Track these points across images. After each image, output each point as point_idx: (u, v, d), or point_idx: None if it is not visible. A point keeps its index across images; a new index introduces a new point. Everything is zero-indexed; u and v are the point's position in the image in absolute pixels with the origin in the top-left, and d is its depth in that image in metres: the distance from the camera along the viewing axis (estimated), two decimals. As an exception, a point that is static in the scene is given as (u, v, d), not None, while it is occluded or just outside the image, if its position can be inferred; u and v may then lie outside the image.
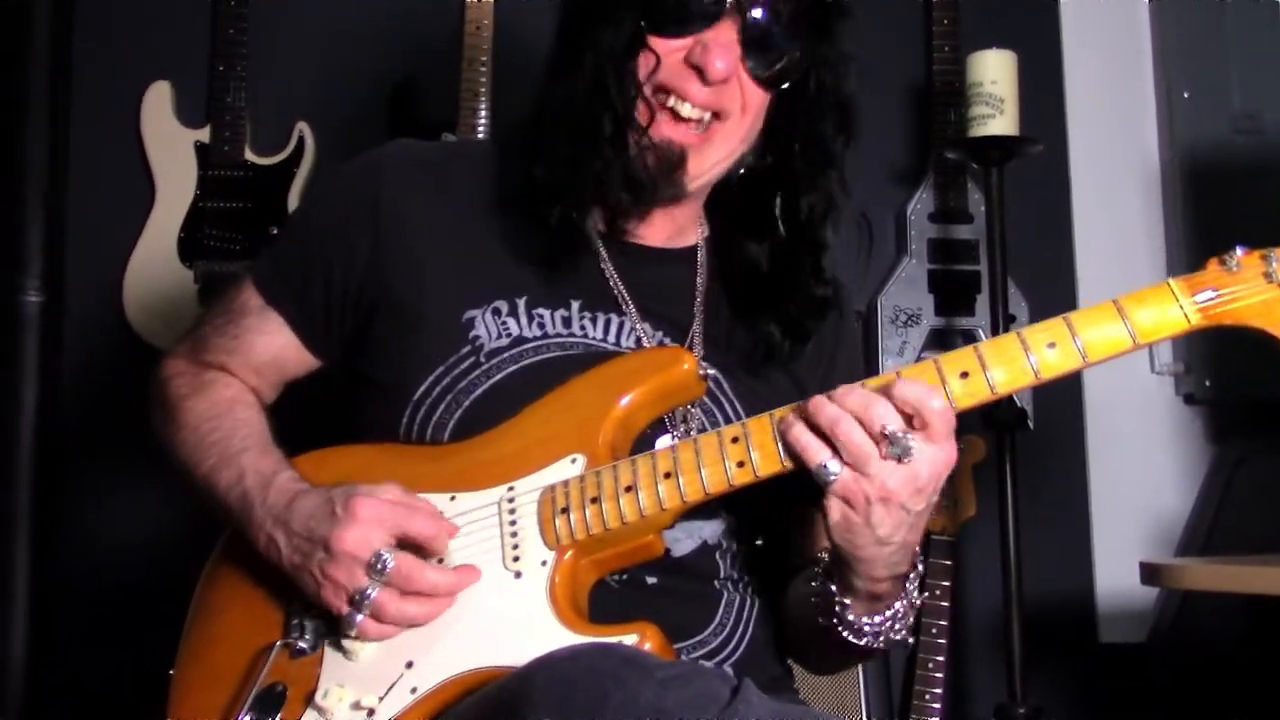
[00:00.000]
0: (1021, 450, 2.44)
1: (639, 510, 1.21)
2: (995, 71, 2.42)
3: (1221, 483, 2.73)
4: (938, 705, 2.55)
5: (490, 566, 1.23)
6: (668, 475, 1.21)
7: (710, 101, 1.31)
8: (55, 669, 2.46)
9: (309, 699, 1.22)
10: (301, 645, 1.26)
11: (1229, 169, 2.85)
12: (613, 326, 1.39)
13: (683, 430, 1.35)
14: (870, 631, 1.26)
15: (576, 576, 1.23)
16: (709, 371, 1.34)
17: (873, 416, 1.12)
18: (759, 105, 1.35)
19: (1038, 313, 2.77)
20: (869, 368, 2.71)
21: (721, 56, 1.28)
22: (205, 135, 2.71)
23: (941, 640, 2.59)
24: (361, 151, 1.47)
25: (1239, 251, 1.17)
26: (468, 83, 2.73)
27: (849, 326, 1.58)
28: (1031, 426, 2.72)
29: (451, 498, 1.28)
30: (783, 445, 1.17)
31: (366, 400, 1.41)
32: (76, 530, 2.58)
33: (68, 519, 2.53)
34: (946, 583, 2.63)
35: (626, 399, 1.29)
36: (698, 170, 1.35)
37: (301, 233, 1.49)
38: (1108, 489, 2.87)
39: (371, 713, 1.20)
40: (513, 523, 1.25)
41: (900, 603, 1.25)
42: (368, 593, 1.18)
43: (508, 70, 2.65)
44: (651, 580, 1.33)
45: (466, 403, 1.33)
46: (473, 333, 1.35)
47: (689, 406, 1.36)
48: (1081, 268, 2.92)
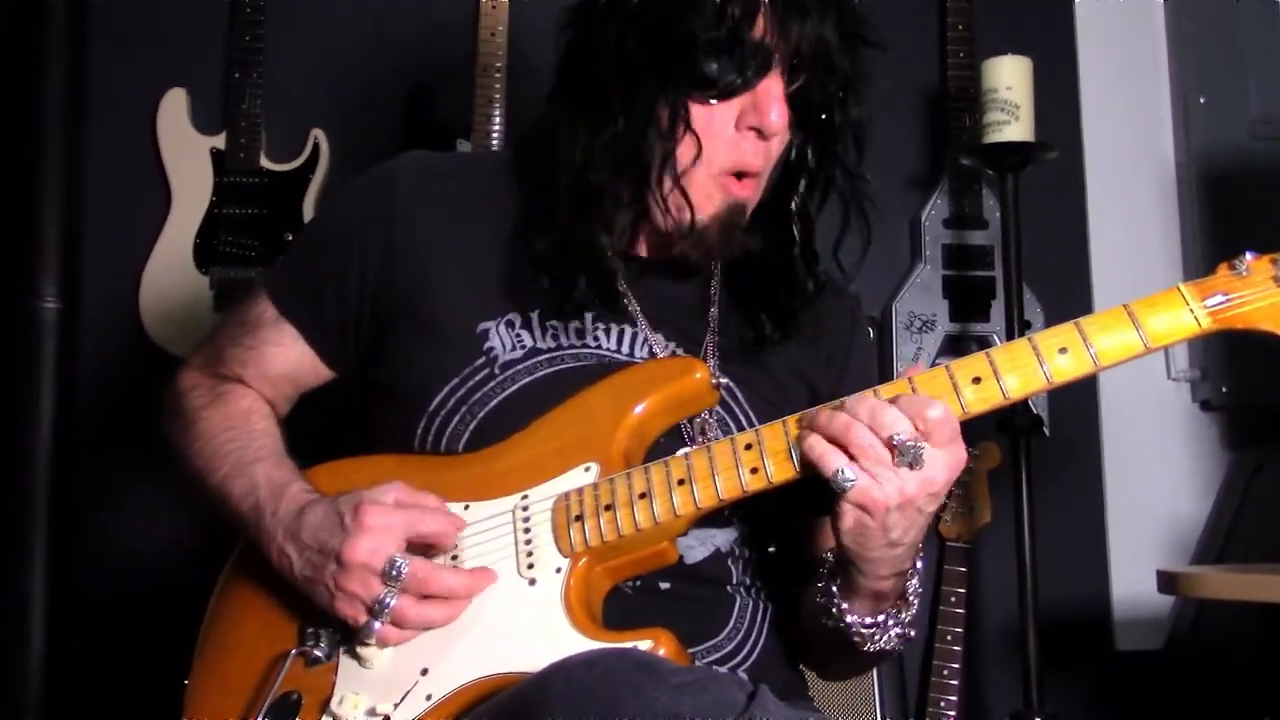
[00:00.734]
0: (1037, 457, 2.43)
1: (653, 517, 1.21)
2: (1011, 77, 2.41)
3: (1238, 489, 2.72)
4: (953, 713, 2.55)
5: (505, 574, 1.24)
6: (681, 482, 1.21)
7: (770, 155, 1.32)
8: (72, 676, 2.46)
9: (324, 707, 1.22)
10: (316, 654, 1.26)
11: (1246, 175, 2.84)
12: (626, 338, 1.40)
13: (701, 442, 1.35)
14: (872, 631, 1.26)
15: (591, 583, 1.23)
16: (721, 381, 1.35)
17: (882, 424, 1.12)
18: (780, 149, 1.35)
19: (1053, 319, 2.74)
20: (883, 374, 2.71)
21: (777, 110, 1.26)
22: (221, 142, 2.72)
23: (957, 647, 2.58)
24: (376, 159, 1.48)
25: (1249, 256, 1.18)
26: (482, 90, 2.73)
27: (861, 332, 1.58)
28: (1047, 433, 2.72)
29: (466, 506, 1.28)
30: (798, 455, 1.17)
31: (381, 410, 1.41)
32: (93, 536, 2.59)
33: (84, 525, 2.54)
34: (962, 590, 2.62)
35: (640, 407, 1.29)
36: (751, 206, 1.36)
37: (316, 245, 1.49)
38: (1124, 496, 2.86)
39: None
40: (527, 530, 1.25)
41: (901, 599, 1.26)
42: (386, 601, 1.18)
43: (522, 77, 2.65)
44: (665, 586, 1.33)
45: (481, 414, 1.33)
46: (487, 344, 1.36)
47: (705, 416, 1.36)
48: (1097, 274, 2.91)
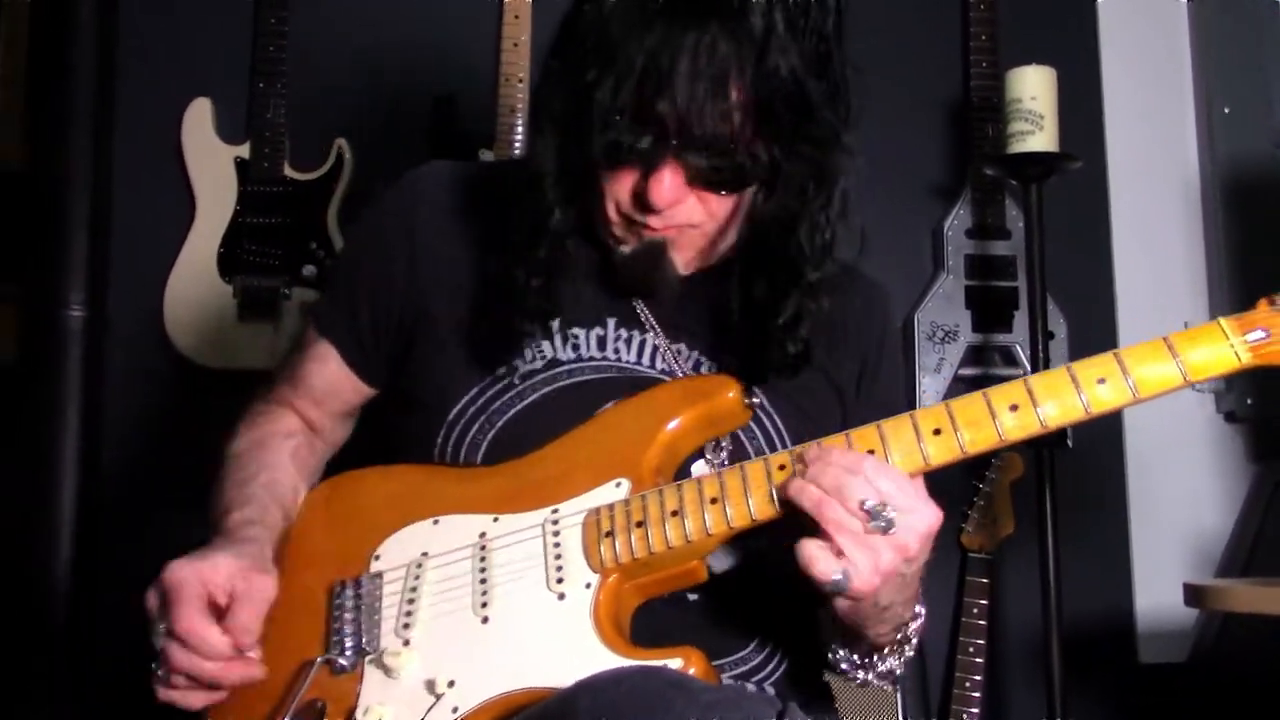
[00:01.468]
0: (1060, 468, 2.42)
1: (684, 535, 1.21)
2: (1035, 87, 2.41)
3: (1263, 502, 2.71)
4: (975, 725, 2.54)
5: (534, 588, 1.24)
6: (714, 501, 1.21)
7: (672, 222, 1.27)
8: (96, 680, 2.47)
9: (349, 716, 1.22)
10: (342, 662, 1.26)
11: (1270, 184, 2.82)
12: (646, 349, 1.40)
13: (715, 449, 1.35)
14: (861, 673, 1.30)
15: (620, 600, 1.23)
16: (755, 399, 1.34)
17: (847, 495, 1.12)
18: (728, 207, 1.28)
19: (1076, 330, 2.76)
20: (905, 385, 2.71)
21: (660, 193, 1.22)
22: (245, 151, 2.74)
23: (979, 659, 2.57)
24: (399, 168, 1.49)
25: None
26: (504, 99, 2.75)
27: (891, 336, 1.56)
28: (1070, 444, 2.70)
29: (495, 519, 1.29)
30: (799, 556, 1.15)
31: (403, 418, 1.42)
32: (117, 542, 2.60)
33: (108, 531, 2.55)
34: (984, 601, 2.62)
35: (673, 424, 1.29)
36: (686, 261, 1.33)
37: (346, 263, 1.53)
38: (1147, 507, 2.85)
39: (412, 731, 1.20)
40: (557, 544, 1.25)
41: (899, 644, 1.28)
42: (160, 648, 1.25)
43: (544, 87, 2.65)
44: (693, 598, 1.33)
45: (500, 424, 1.34)
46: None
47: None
48: (1121, 284, 2.90)
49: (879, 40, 2.81)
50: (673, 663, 1.15)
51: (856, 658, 1.29)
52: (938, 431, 1.18)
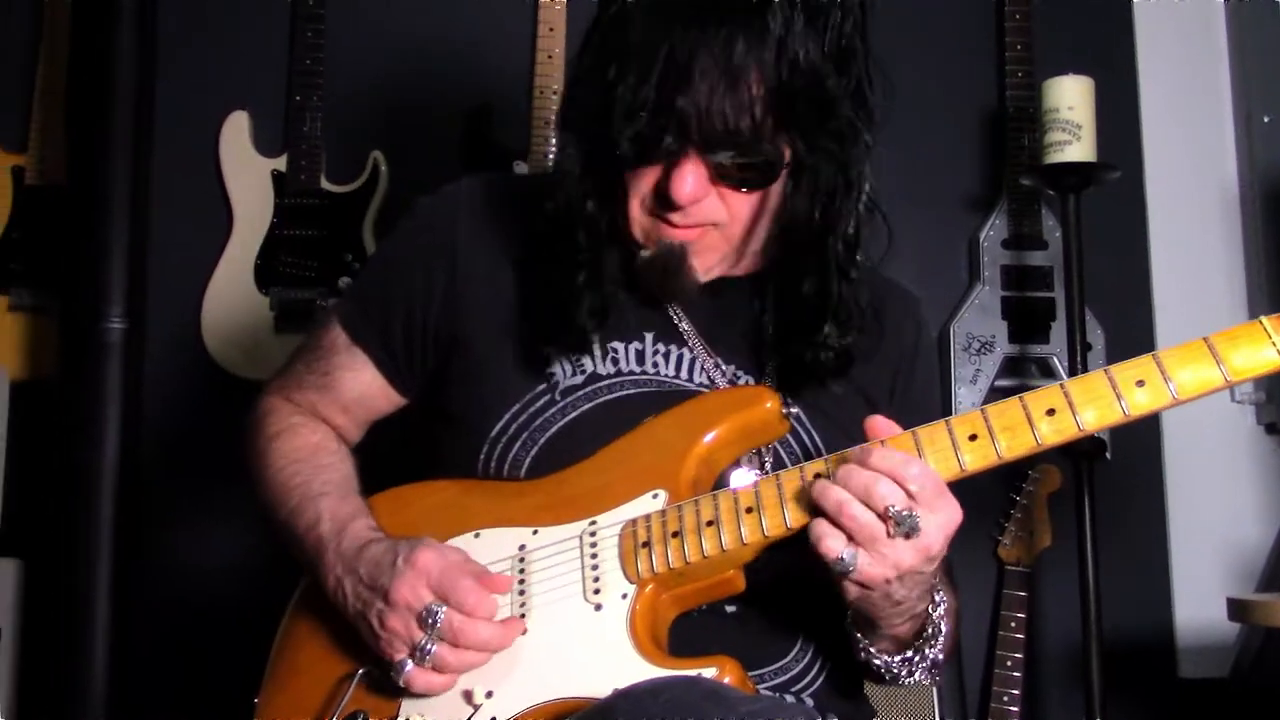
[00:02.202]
0: (1100, 480, 2.40)
1: (720, 545, 1.21)
2: (1072, 97, 2.39)
3: (1305, 514, 2.68)
4: (1013, 739, 2.52)
5: (571, 599, 1.24)
6: (749, 510, 1.21)
7: (694, 220, 1.27)
8: (135, 690, 2.49)
9: (390, 727, 1.23)
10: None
11: (1311, 194, 2.80)
12: (684, 362, 1.39)
13: (752, 460, 1.35)
14: (900, 669, 1.28)
15: (657, 610, 1.23)
16: (792, 411, 1.34)
17: (875, 497, 1.12)
18: (751, 206, 1.28)
19: (1114, 341, 2.74)
20: (941, 396, 2.69)
21: (681, 188, 1.22)
22: (282, 164, 2.76)
23: (1017, 673, 2.55)
24: (434, 181, 1.50)
25: None
26: (539, 111, 2.76)
27: (926, 343, 1.55)
28: (1109, 456, 2.68)
29: (534, 531, 1.29)
30: (810, 532, 1.15)
31: (444, 435, 1.42)
32: (156, 552, 2.62)
33: (147, 541, 2.57)
34: (1022, 614, 2.60)
35: (710, 436, 1.29)
36: (704, 266, 1.32)
37: (382, 271, 1.52)
38: (1187, 520, 2.82)
39: (452, 742, 1.20)
40: (594, 556, 1.25)
41: (924, 637, 1.26)
42: (427, 648, 1.20)
43: (579, 99, 2.66)
44: (731, 609, 1.32)
45: (542, 440, 1.34)
46: (549, 369, 1.37)
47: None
48: (1159, 295, 2.87)
49: (914, 51, 2.81)
50: (708, 672, 1.15)
51: (886, 655, 1.28)
52: (974, 437, 1.18)
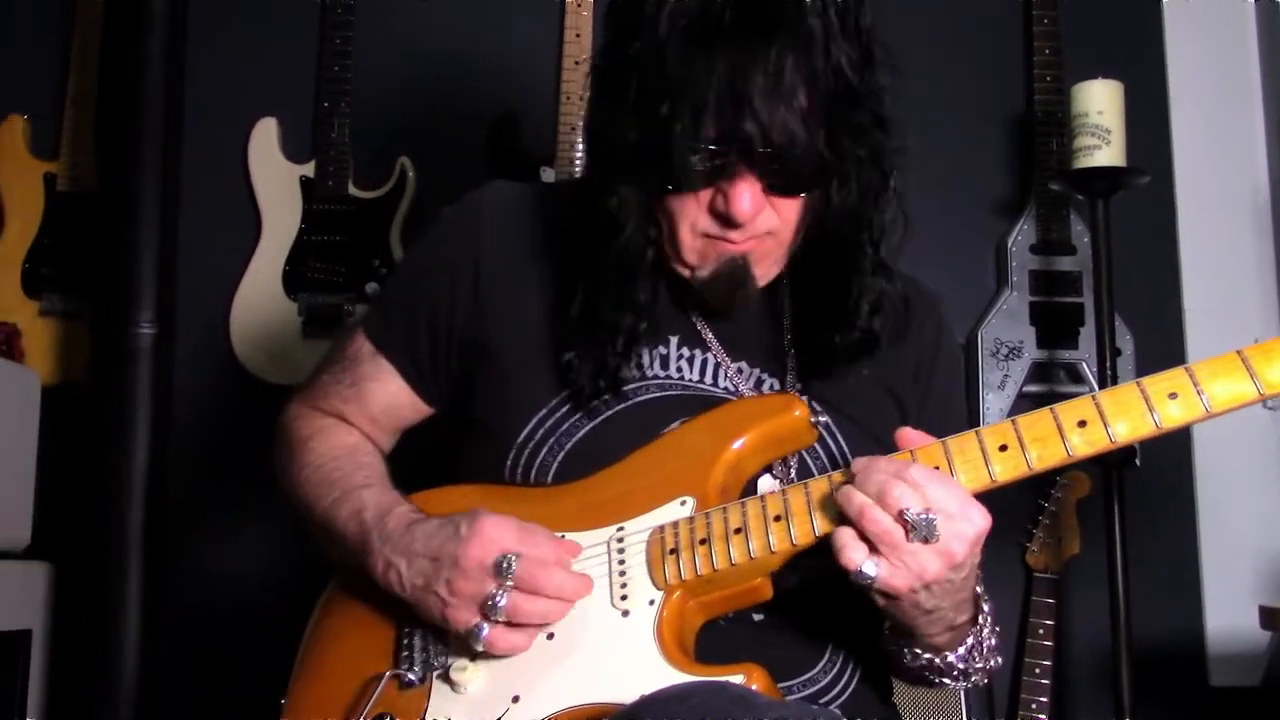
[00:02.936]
0: (1129, 487, 2.38)
1: (748, 553, 1.20)
2: (1102, 102, 2.38)
3: (1337, 522, 2.65)
4: (1041, 748, 2.50)
5: (598, 605, 1.24)
6: (778, 518, 1.21)
7: (753, 233, 1.28)
8: (164, 691, 2.50)
9: (417, 730, 1.23)
10: (410, 677, 1.27)
11: (1342, 199, 2.78)
12: (708, 368, 1.39)
13: (780, 467, 1.35)
14: (958, 672, 1.28)
15: (684, 617, 1.23)
16: (821, 419, 1.34)
17: (890, 500, 1.11)
18: (799, 210, 1.29)
19: (1143, 346, 2.72)
20: (968, 404, 2.68)
21: (741, 207, 1.23)
22: (310, 170, 2.77)
23: (1045, 681, 2.54)
24: (461, 186, 1.50)
25: None
26: (565, 117, 2.76)
27: (948, 339, 1.54)
28: (1139, 464, 2.66)
29: (562, 537, 1.29)
30: (833, 541, 1.15)
31: (470, 441, 1.42)
32: (185, 558, 2.64)
33: (175, 545, 2.58)
34: (1050, 622, 2.58)
35: (738, 443, 1.29)
36: (764, 274, 1.33)
37: (407, 281, 1.52)
38: (1218, 527, 2.80)
39: (478, 745, 1.20)
40: (621, 562, 1.25)
41: (970, 640, 1.26)
42: (498, 598, 1.19)
43: (605, 105, 2.66)
44: (759, 618, 1.32)
45: (569, 445, 1.34)
46: (572, 375, 1.36)
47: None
48: (1189, 300, 2.85)
49: (943, 56, 2.80)
50: (735, 678, 1.14)
51: (930, 656, 1.27)
52: (1004, 448, 1.17)
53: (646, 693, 1.13)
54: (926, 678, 1.30)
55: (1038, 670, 2.54)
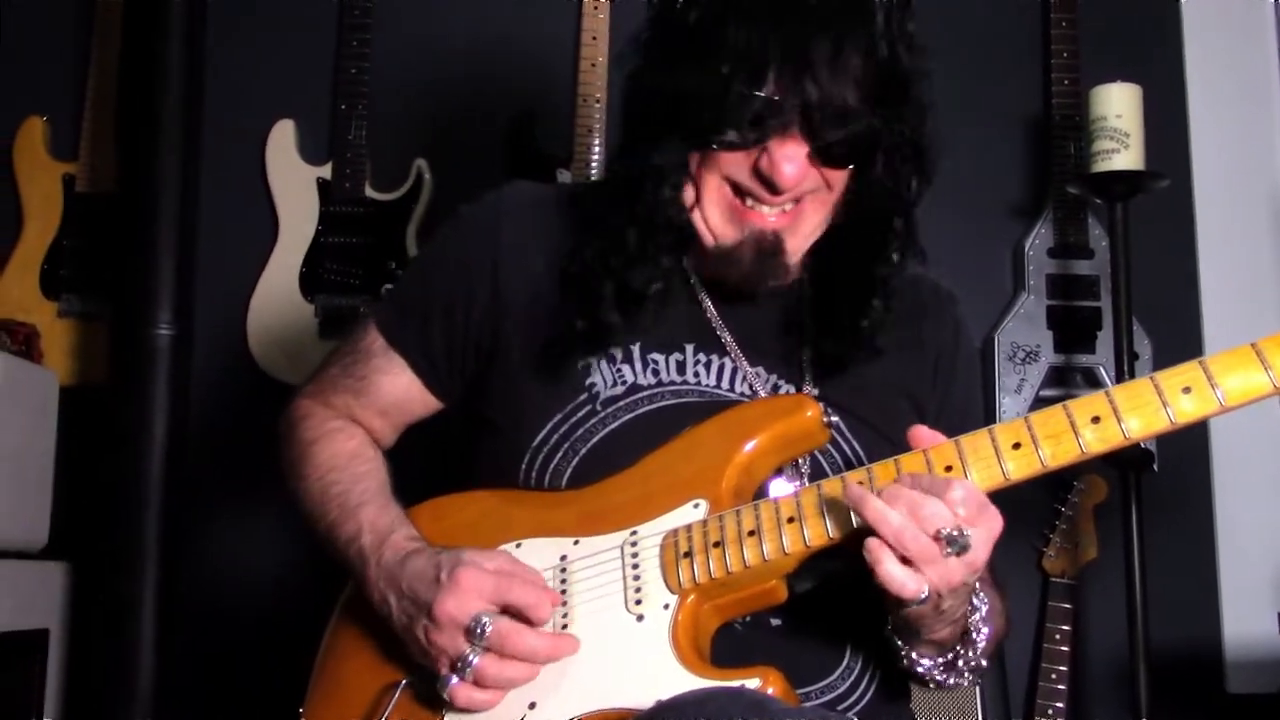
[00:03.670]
0: (1146, 491, 2.37)
1: (762, 555, 1.20)
2: (1120, 105, 2.37)
3: (1357, 527, 2.63)
4: (1058, 753, 2.49)
5: (613, 609, 1.24)
6: (791, 520, 1.20)
7: (789, 198, 1.29)
8: (181, 696, 2.51)
9: (432, 738, 1.23)
10: (425, 685, 1.26)
11: (1362, 201, 2.76)
12: (726, 372, 1.39)
13: (793, 470, 1.34)
14: (945, 674, 1.27)
15: (699, 621, 1.22)
16: (833, 420, 1.34)
17: (926, 520, 1.11)
18: (841, 179, 1.32)
19: (1161, 350, 2.70)
20: (985, 408, 2.67)
21: (786, 171, 1.25)
22: (327, 172, 2.78)
23: (1061, 686, 2.53)
24: (478, 188, 1.50)
25: None
26: (582, 119, 2.76)
27: (965, 338, 1.54)
28: (1156, 468, 2.65)
29: (575, 542, 1.29)
30: (878, 573, 1.13)
31: (485, 444, 1.43)
32: (202, 558, 2.65)
33: (192, 545, 2.59)
34: (1067, 627, 2.57)
35: (750, 445, 1.29)
36: (795, 247, 1.34)
37: (423, 277, 1.52)
38: (1236, 532, 2.78)
39: (494, 754, 1.20)
40: (635, 566, 1.25)
41: (969, 636, 1.25)
42: (469, 659, 1.20)
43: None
44: (776, 622, 1.32)
45: (583, 450, 1.34)
46: (589, 380, 1.36)
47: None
48: (1207, 304, 2.84)
49: (961, 58, 2.79)
50: (751, 682, 1.14)
51: (927, 659, 1.27)
52: (1017, 446, 1.16)
53: (663, 698, 1.13)
54: (918, 676, 1.30)
55: (1054, 676, 2.53)
